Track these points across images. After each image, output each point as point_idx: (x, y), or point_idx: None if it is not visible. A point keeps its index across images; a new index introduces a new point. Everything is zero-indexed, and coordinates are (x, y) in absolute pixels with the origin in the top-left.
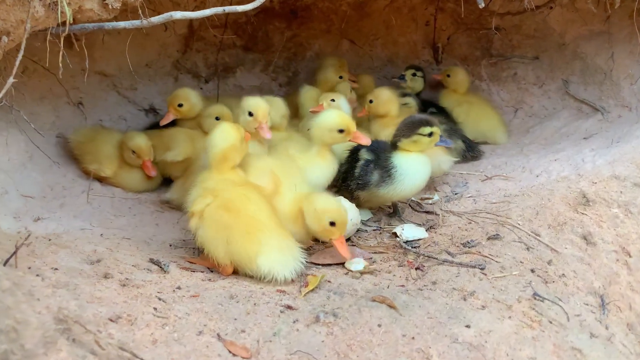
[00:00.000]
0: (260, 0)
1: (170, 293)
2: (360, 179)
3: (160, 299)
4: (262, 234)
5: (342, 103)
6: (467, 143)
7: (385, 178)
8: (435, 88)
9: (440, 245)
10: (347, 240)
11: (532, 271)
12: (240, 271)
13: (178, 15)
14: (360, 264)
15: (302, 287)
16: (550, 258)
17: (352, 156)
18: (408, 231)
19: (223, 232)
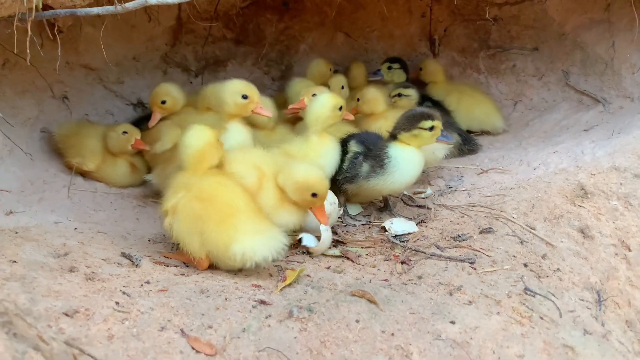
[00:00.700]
0: None
1: (136, 287)
2: (348, 172)
3: (124, 293)
4: (237, 220)
5: None
6: (464, 136)
7: (376, 169)
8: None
9: (430, 239)
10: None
11: (525, 265)
12: (218, 265)
13: (153, 0)
14: (310, 240)
15: (280, 282)
16: (544, 252)
17: (341, 149)
18: (397, 225)
19: (197, 224)
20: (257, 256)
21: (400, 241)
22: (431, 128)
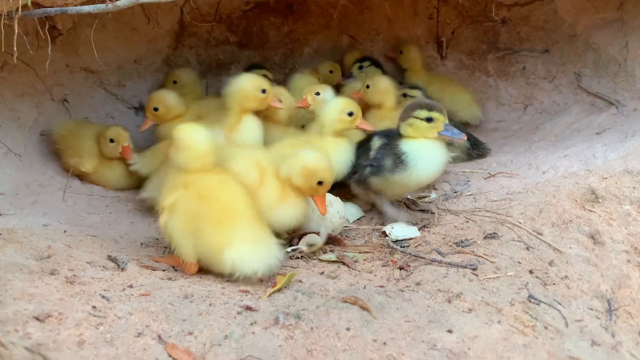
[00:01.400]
0: None
1: (118, 291)
2: (375, 161)
3: (104, 297)
4: (236, 224)
5: (328, 95)
6: (472, 140)
7: (398, 164)
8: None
9: (431, 244)
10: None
11: (531, 272)
12: (209, 268)
13: None
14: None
15: (269, 287)
16: (552, 258)
17: (365, 145)
18: (398, 230)
19: (194, 223)
20: (247, 269)
21: (400, 246)
22: (429, 119)
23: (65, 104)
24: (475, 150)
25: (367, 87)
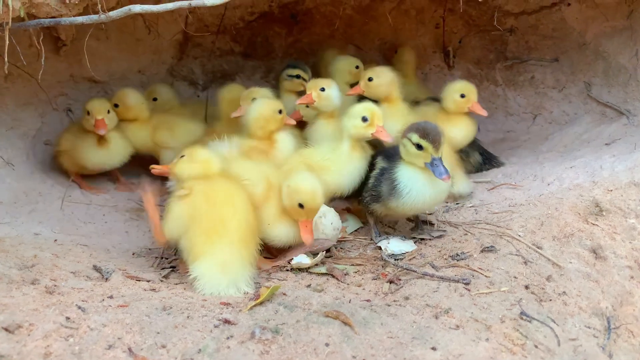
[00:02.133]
0: None
1: (96, 302)
2: (373, 190)
3: (80, 308)
4: (219, 240)
5: (334, 91)
6: (485, 156)
7: (391, 191)
8: None
9: (426, 257)
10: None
11: (527, 287)
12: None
13: (137, 8)
14: (303, 259)
15: (252, 300)
16: (550, 273)
17: (371, 162)
18: (394, 245)
19: (188, 218)
20: (205, 290)
21: (394, 259)
22: (418, 146)
23: (69, 114)
24: (486, 165)
25: (370, 80)
